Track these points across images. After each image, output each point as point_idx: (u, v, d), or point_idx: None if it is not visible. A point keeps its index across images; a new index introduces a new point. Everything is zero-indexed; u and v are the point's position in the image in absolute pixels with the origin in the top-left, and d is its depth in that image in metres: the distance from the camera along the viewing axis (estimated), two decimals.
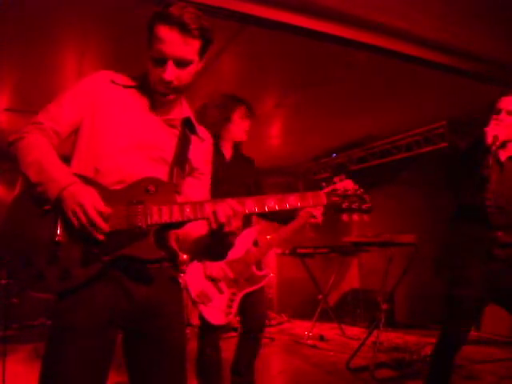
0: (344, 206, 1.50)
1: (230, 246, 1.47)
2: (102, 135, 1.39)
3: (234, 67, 3.96)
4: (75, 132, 1.42)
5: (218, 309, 2.55)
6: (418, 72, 3.86)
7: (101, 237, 1.25)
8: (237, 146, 2.77)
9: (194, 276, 2.53)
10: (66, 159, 1.38)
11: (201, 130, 1.57)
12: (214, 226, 1.31)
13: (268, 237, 2.77)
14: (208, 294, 2.54)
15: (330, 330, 5.54)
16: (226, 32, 3.20)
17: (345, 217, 1.51)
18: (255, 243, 2.72)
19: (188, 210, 1.32)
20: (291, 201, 1.42)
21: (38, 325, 5.31)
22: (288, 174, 7.62)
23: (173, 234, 1.49)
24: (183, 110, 1.52)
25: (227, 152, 2.73)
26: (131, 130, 1.40)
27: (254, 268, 2.67)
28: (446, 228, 2.73)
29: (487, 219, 2.39)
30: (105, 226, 1.24)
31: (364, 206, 1.52)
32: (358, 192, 1.52)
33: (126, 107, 1.42)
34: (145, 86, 1.43)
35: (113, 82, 1.42)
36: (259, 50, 3.56)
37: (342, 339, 5.16)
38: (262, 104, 4.76)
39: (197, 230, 1.46)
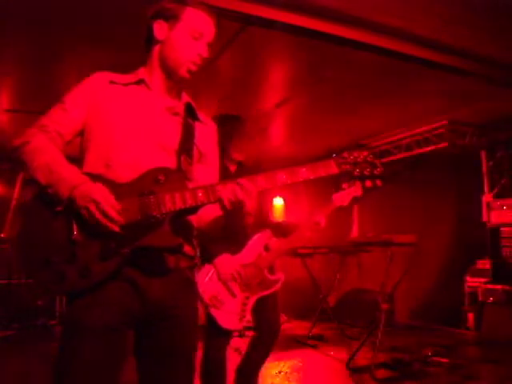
0: (356, 173, 1.48)
1: (246, 227, 1.47)
2: (110, 133, 1.41)
3: (236, 67, 3.96)
4: (81, 134, 1.44)
5: (232, 313, 2.52)
6: (418, 72, 3.86)
7: (116, 228, 1.26)
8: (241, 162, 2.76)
9: (207, 279, 2.51)
10: (73, 160, 1.39)
11: (202, 115, 1.61)
12: (228, 206, 1.32)
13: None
14: (221, 298, 2.51)
15: (329, 329, 5.54)
16: (227, 32, 3.20)
17: (358, 184, 1.49)
18: (266, 248, 2.71)
19: (200, 194, 1.34)
20: (302, 173, 1.41)
21: (39, 325, 5.31)
22: None
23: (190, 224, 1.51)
24: (182, 96, 1.57)
25: (232, 165, 2.72)
26: (138, 124, 1.43)
27: (266, 272, 2.66)
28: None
29: None
30: (120, 219, 1.26)
31: (376, 172, 1.50)
32: (369, 158, 1.50)
33: (129, 103, 1.45)
34: (145, 79, 1.48)
35: (112, 82, 1.45)
36: (260, 50, 3.56)
37: (342, 339, 5.16)
38: (263, 104, 4.77)
39: (210, 212, 1.48)
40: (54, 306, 5.55)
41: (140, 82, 1.48)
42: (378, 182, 1.50)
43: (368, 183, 1.50)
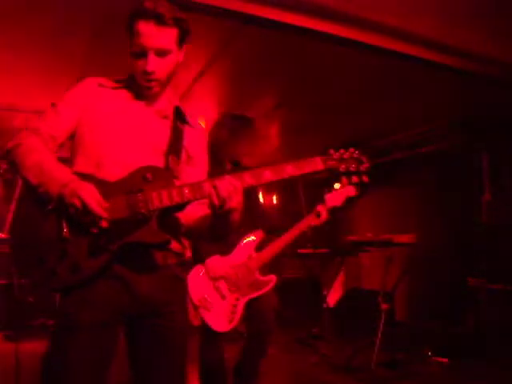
0: (341, 169, 1.49)
1: (234, 224, 1.48)
2: (100, 134, 1.44)
3: (234, 68, 3.95)
4: (72, 136, 1.47)
5: (221, 315, 2.50)
6: (417, 72, 3.86)
7: (104, 224, 1.28)
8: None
9: (196, 280, 2.50)
10: (65, 161, 1.42)
11: (191, 118, 1.63)
12: (216, 201, 1.34)
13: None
14: (210, 300, 2.50)
15: (330, 330, 5.54)
16: (226, 32, 3.20)
17: (344, 180, 1.50)
18: (257, 248, 2.70)
19: (187, 191, 1.36)
20: (288, 170, 1.43)
21: (37, 325, 5.31)
22: None
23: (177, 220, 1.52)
24: (171, 100, 1.58)
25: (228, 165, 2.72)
26: (126, 125, 1.46)
27: (257, 273, 2.63)
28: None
29: None
30: (104, 213, 1.27)
31: (362, 167, 1.51)
32: (355, 155, 1.52)
33: (118, 105, 1.48)
34: (132, 84, 1.50)
35: (101, 85, 1.49)
36: (259, 51, 3.56)
37: (343, 339, 5.16)
38: (260, 104, 4.77)
39: (198, 210, 1.51)
40: (53, 305, 5.55)
41: (129, 85, 1.51)
42: (365, 178, 1.51)
43: (355, 179, 1.50)
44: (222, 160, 2.68)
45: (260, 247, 2.71)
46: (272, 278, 2.68)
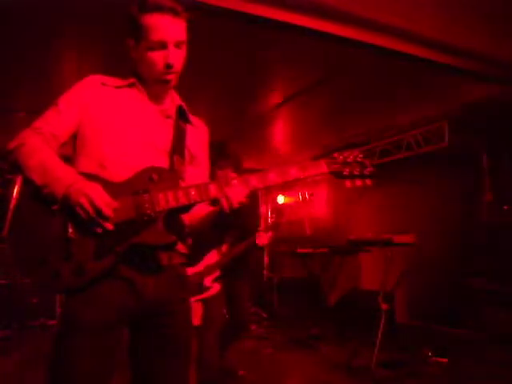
0: (345, 172, 1.51)
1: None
2: (104, 133, 1.42)
3: (235, 69, 3.95)
4: (75, 135, 1.45)
5: None
6: (418, 71, 3.86)
7: (110, 226, 1.27)
8: None
9: None
10: (67, 159, 1.40)
11: (194, 118, 1.63)
12: (226, 207, 1.37)
13: None
14: None
15: (330, 330, 5.55)
16: (228, 33, 3.20)
17: (348, 183, 1.52)
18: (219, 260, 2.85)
19: (193, 192, 1.37)
20: (292, 172, 1.46)
21: (38, 325, 5.31)
22: None
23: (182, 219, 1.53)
24: (174, 99, 1.58)
25: None
26: (130, 124, 1.45)
27: (206, 279, 2.77)
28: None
29: None
30: (111, 214, 1.27)
31: (366, 171, 1.53)
32: (359, 158, 1.53)
33: (122, 105, 1.47)
34: (138, 83, 1.49)
35: (104, 84, 1.47)
36: (260, 52, 3.56)
37: (342, 339, 5.16)
38: (263, 104, 4.77)
39: (201, 210, 1.52)
40: (53, 306, 5.55)
41: (132, 85, 1.50)
42: (368, 182, 1.53)
43: (358, 182, 1.51)
44: None
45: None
46: (215, 286, 2.79)
